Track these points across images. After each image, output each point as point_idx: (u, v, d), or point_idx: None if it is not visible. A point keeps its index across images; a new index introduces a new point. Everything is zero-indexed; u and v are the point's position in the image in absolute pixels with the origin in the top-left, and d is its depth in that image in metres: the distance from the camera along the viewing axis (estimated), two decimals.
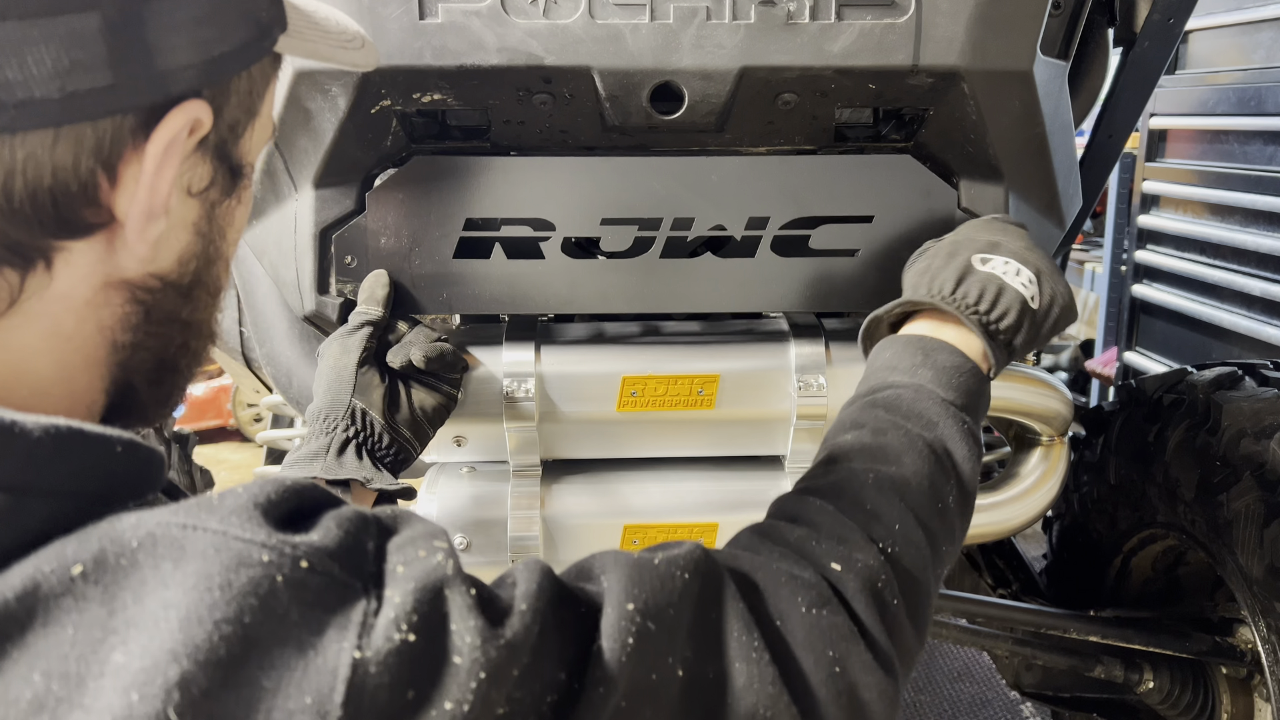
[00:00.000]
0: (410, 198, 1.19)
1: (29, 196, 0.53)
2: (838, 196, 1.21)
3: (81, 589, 0.46)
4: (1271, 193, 3.05)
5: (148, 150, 0.56)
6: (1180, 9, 1.48)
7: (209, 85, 0.59)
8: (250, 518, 0.49)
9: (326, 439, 1.10)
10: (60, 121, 0.52)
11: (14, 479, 0.48)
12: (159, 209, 0.58)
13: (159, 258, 0.61)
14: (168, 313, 0.63)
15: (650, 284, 1.22)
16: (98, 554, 0.47)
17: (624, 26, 1.07)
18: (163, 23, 0.55)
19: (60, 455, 0.50)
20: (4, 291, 0.54)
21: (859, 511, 0.79)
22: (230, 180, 0.65)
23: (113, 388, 0.62)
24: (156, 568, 0.47)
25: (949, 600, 1.81)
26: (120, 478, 0.53)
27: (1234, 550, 1.43)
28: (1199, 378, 1.60)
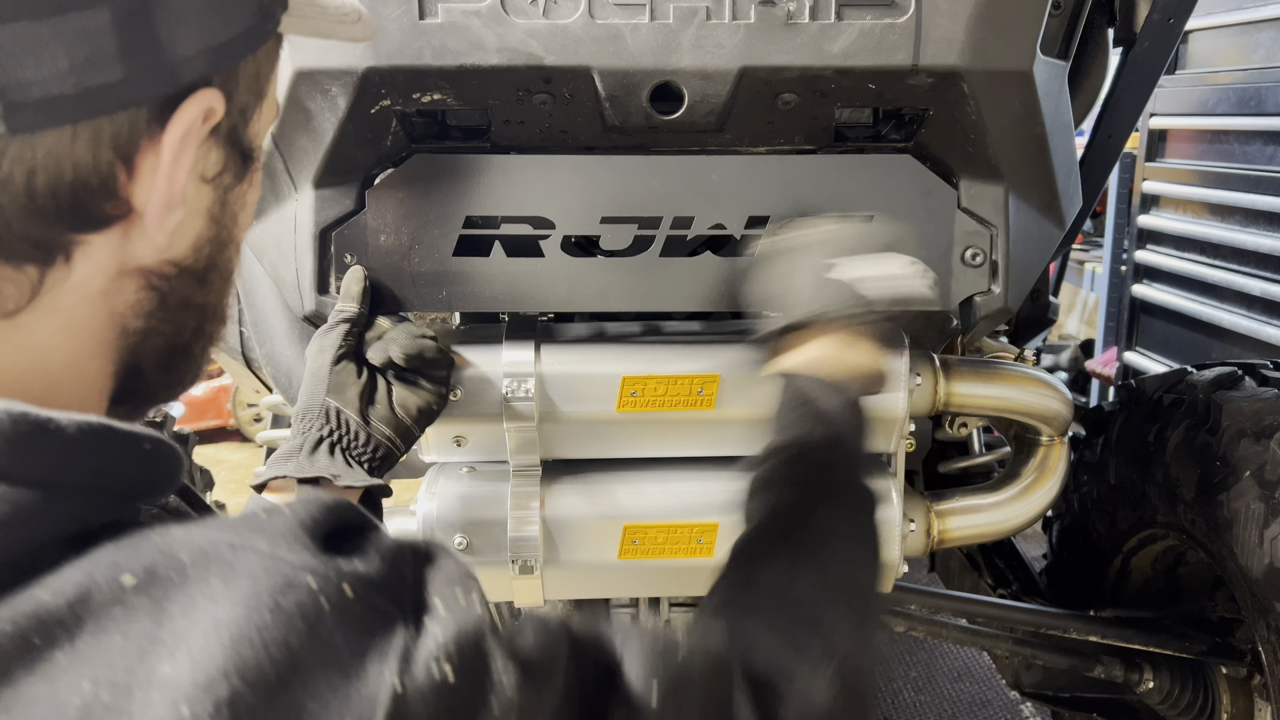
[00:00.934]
0: (410, 196, 1.19)
1: (51, 193, 0.53)
2: (838, 196, 1.21)
3: (132, 599, 0.47)
4: (1271, 193, 3.05)
5: (164, 141, 0.57)
6: (1180, 9, 1.48)
7: (218, 72, 0.60)
8: (297, 539, 0.50)
9: (301, 439, 1.10)
10: (77, 118, 0.53)
11: (50, 475, 0.49)
12: (177, 198, 0.59)
13: (174, 245, 0.61)
14: (183, 298, 0.63)
15: (650, 283, 1.22)
16: (149, 566, 0.48)
17: (624, 26, 1.07)
18: (170, 13, 0.55)
19: (92, 452, 0.51)
20: (25, 287, 0.55)
21: None
22: (241, 164, 0.65)
23: (121, 372, 0.62)
24: (206, 584, 0.47)
25: (949, 600, 1.81)
26: (145, 475, 0.54)
27: (1234, 550, 1.43)
28: (1199, 378, 1.60)
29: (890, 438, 1.33)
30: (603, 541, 1.31)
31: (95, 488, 0.51)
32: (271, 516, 0.51)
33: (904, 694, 2.75)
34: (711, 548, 1.32)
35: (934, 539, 1.44)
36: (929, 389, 1.35)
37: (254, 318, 1.56)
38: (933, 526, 1.44)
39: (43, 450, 0.49)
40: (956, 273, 1.23)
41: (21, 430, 0.48)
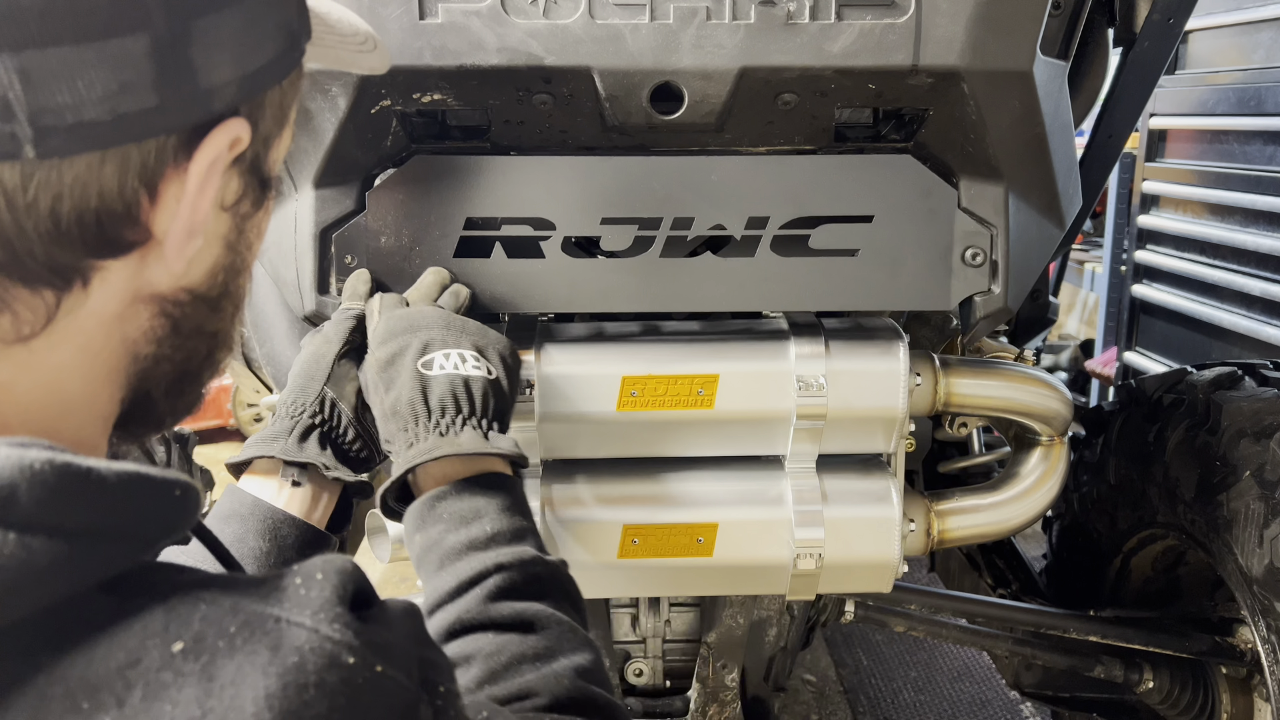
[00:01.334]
0: (410, 197, 1.19)
1: (76, 219, 0.53)
2: (838, 196, 1.21)
3: (181, 665, 0.48)
4: (1271, 193, 3.05)
5: (191, 169, 0.57)
6: (1180, 9, 1.48)
7: (247, 101, 0.60)
8: (337, 617, 0.51)
9: (291, 422, 1.07)
10: (109, 144, 0.52)
11: (89, 525, 0.49)
12: (199, 227, 0.59)
13: (190, 272, 0.61)
14: (195, 325, 0.63)
15: (650, 283, 1.23)
16: (198, 633, 0.49)
17: (624, 26, 1.07)
18: (207, 40, 0.55)
19: (129, 501, 0.51)
20: (41, 312, 0.54)
21: None
22: (260, 192, 0.65)
23: (130, 397, 0.63)
24: (254, 655, 0.49)
25: (949, 600, 1.81)
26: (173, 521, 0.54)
27: (1234, 550, 1.43)
28: (1199, 378, 1.60)
29: (890, 438, 1.33)
30: (603, 541, 1.31)
31: (130, 535, 0.51)
32: (309, 587, 0.53)
33: (904, 694, 2.75)
34: (711, 548, 1.32)
35: (934, 539, 1.44)
36: (929, 389, 1.35)
37: (254, 318, 1.56)
38: (932, 526, 1.44)
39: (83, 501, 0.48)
40: (956, 272, 1.23)
41: (64, 482, 0.48)
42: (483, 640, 0.84)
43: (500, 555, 0.89)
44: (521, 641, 0.83)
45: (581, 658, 0.84)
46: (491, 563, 0.88)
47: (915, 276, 1.23)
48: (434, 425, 0.97)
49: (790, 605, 1.65)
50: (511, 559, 0.89)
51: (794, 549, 1.31)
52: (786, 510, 1.32)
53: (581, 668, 0.83)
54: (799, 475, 1.34)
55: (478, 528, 0.91)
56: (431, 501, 0.94)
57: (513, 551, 0.90)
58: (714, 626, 1.63)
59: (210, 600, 0.50)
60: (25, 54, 0.48)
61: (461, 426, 0.98)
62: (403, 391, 0.99)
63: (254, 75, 0.59)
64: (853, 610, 1.74)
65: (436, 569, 0.90)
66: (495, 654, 0.82)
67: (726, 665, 1.65)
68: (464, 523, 0.92)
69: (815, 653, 2.91)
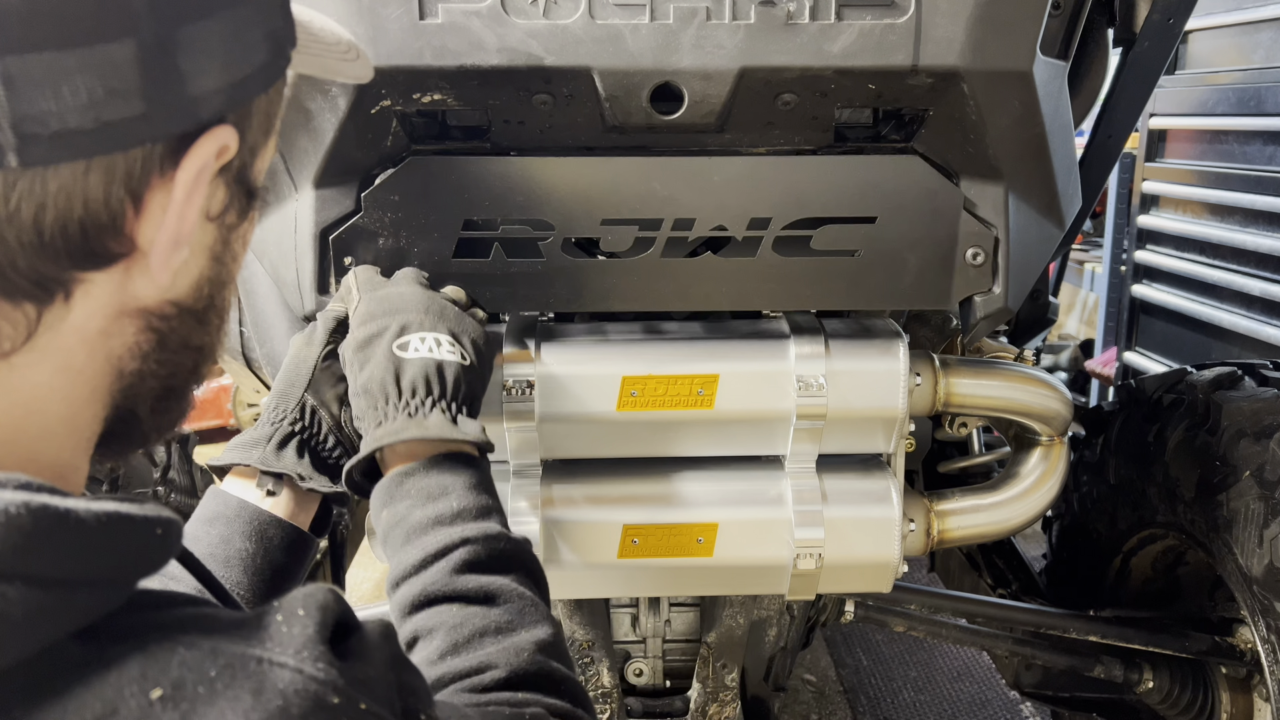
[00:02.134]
0: (410, 197, 1.19)
1: (60, 229, 0.52)
2: (841, 197, 1.21)
3: (159, 713, 0.47)
4: (1271, 193, 3.05)
5: (178, 178, 0.56)
6: (1180, 9, 1.48)
7: (235, 109, 0.59)
8: (320, 655, 0.51)
9: (271, 429, 1.07)
10: (94, 152, 0.51)
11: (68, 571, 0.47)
12: (186, 237, 0.58)
13: (176, 284, 0.60)
14: (182, 339, 0.62)
15: (650, 283, 1.22)
16: (176, 680, 0.48)
17: (624, 27, 1.07)
18: (195, 47, 0.54)
19: (110, 543, 0.49)
20: (21, 326, 0.53)
21: None
22: (246, 203, 0.64)
23: (113, 416, 0.61)
24: (236, 700, 0.48)
25: (949, 600, 1.81)
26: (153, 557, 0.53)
27: (1234, 550, 1.43)
28: (1199, 378, 1.60)
29: (890, 438, 1.33)
30: (603, 541, 1.31)
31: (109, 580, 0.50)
32: (290, 624, 0.52)
33: (904, 694, 2.75)
34: (711, 547, 1.32)
35: (934, 539, 1.44)
36: (929, 389, 1.35)
37: (254, 318, 1.56)
38: (932, 526, 1.44)
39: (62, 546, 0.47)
40: (957, 272, 1.23)
41: (41, 526, 0.46)
42: (446, 613, 0.84)
43: (466, 530, 0.90)
44: (485, 614, 0.84)
45: (542, 632, 0.85)
46: (458, 537, 0.89)
47: (916, 276, 1.23)
48: (403, 406, 0.97)
49: (790, 605, 1.65)
50: (477, 533, 0.90)
51: (794, 549, 1.31)
52: (786, 510, 1.32)
53: (542, 642, 0.84)
54: (799, 475, 1.34)
55: (444, 503, 0.92)
56: (399, 478, 0.94)
57: (478, 527, 0.91)
58: (714, 626, 1.63)
59: (189, 644, 0.49)
60: (7, 59, 0.47)
61: (430, 409, 0.97)
62: (375, 371, 0.99)
63: (242, 83, 0.58)
64: (853, 610, 1.74)
65: (403, 543, 0.91)
66: (458, 626, 0.83)
67: (726, 665, 1.65)
68: (431, 499, 0.92)
69: (815, 653, 2.91)
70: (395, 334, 1.01)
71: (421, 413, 0.97)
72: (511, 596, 0.87)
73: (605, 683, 1.67)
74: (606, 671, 1.66)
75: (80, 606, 0.48)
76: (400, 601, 0.88)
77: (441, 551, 0.88)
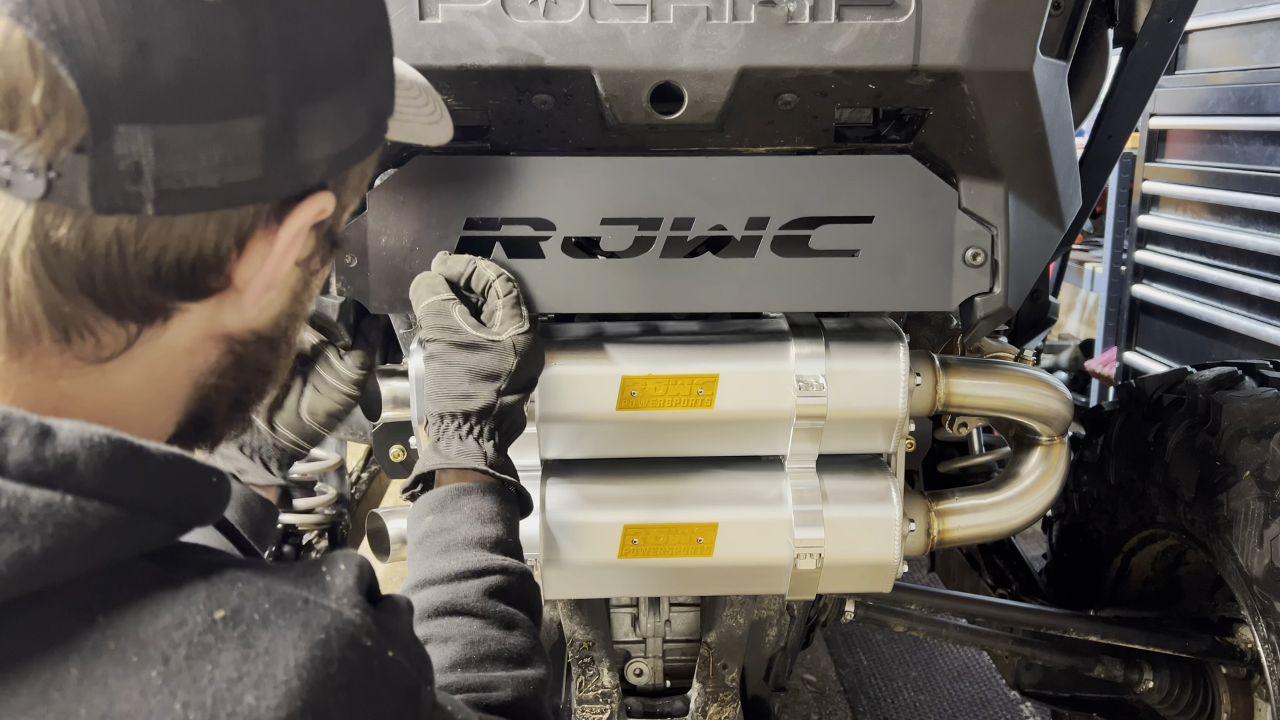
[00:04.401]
0: (411, 198, 1.19)
1: (174, 267, 0.59)
2: (838, 197, 1.21)
3: (222, 630, 0.54)
4: (1271, 193, 3.05)
5: (280, 234, 0.63)
6: (1180, 9, 1.48)
7: (336, 175, 0.66)
8: (358, 603, 0.59)
9: None
10: (216, 207, 0.58)
11: (138, 497, 0.55)
12: (279, 282, 0.66)
13: (260, 317, 0.68)
14: (256, 363, 0.70)
15: (650, 283, 1.22)
16: (236, 606, 0.55)
17: (624, 27, 1.07)
18: (311, 123, 0.61)
19: (174, 480, 0.57)
20: (122, 340, 0.60)
21: None
22: (329, 252, 0.71)
23: (185, 420, 0.69)
24: (287, 629, 0.55)
25: (949, 600, 1.82)
26: (209, 504, 0.60)
27: (1234, 550, 1.43)
28: (1199, 378, 1.60)
29: (890, 438, 1.33)
30: (603, 541, 1.31)
31: (172, 513, 0.57)
32: (334, 575, 0.60)
33: (904, 694, 2.75)
34: (711, 548, 1.32)
35: (934, 539, 1.44)
36: (929, 389, 1.35)
37: None
38: (932, 526, 1.44)
39: (134, 474, 0.55)
40: (957, 273, 1.23)
41: (119, 454, 0.54)
42: (468, 627, 0.91)
43: (506, 561, 0.97)
44: (502, 640, 0.91)
45: (543, 671, 0.93)
46: (498, 564, 0.96)
47: (916, 277, 1.23)
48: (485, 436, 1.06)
49: (790, 605, 1.65)
50: (514, 567, 0.97)
51: (794, 549, 1.31)
52: (786, 510, 1.32)
53: (541, 681, 0.91)
54: (799, 475, 1.34)
55: (492, 529, 0.99)
56: (457, 493, 1.01)
57: (514, 562, 0.98)
58: (714, 626, 1.63)
59: (246, 580, 0.57)
60: (160, 127, 0.54)
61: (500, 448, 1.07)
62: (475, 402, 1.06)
63: (345, 153, 0.66)
64: (853, 610, 1.74)
65: (441, 551, 0.97)
66: (476, 643, 0.89)
67: (726, 665, 1.65)
68: (481, 521, 0.99)
69: (815, 653, 2.91)
70: (532, 390, 1.12)
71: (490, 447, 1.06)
72: (527, 632, 0.94)
73: (605, 683, 1.67)
74: (606, 671, 1.66)
75: (148, 530, 0.56)
76: (425, 602, 0.93)
77: (480, 572, 0.95)
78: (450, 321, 1.08)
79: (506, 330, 1.09)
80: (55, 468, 0.52)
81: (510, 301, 1.11)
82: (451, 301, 1.09)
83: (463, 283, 1.14)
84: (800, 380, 1.26)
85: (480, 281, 1.13)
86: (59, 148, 0.53)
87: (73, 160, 0.53)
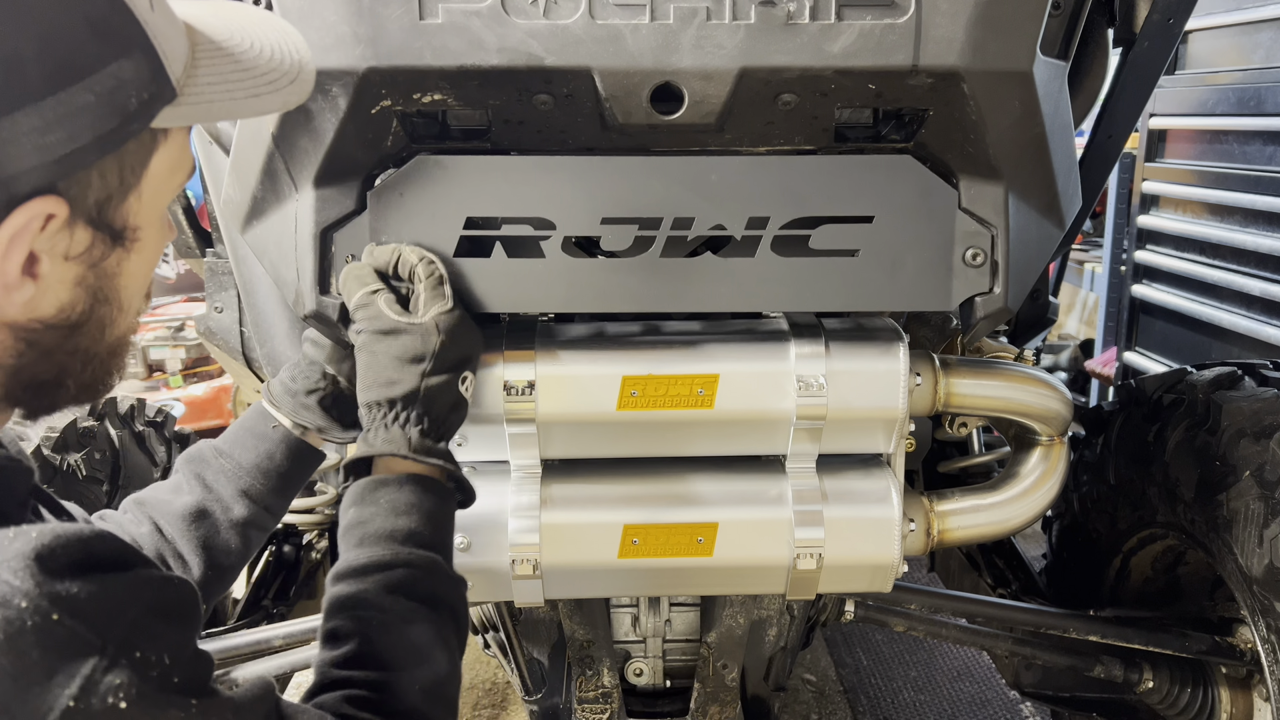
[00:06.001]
0: (411, 197, 1.19)
1: None
2: (838, 197, 1.21)
3: None
4: (1271, 193, 3.05)
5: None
6: (1180, 9, 1.48)
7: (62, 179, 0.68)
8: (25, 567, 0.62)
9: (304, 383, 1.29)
10: None
11: None
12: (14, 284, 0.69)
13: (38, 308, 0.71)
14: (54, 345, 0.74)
15: (650, 283, 1.22)
16: None
17: (624, 27, 1.07)
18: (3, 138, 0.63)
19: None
20: None
21: None
22: (112, 240, 0.74)
23: (6, 395, 0.75)
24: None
25: (949, 600, 1.82)
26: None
27: (1234, 550, 1.43)
28: (1199, 378, 1.60)
29: (890, 438, 1.33)
30: (603, 541, 1.31)
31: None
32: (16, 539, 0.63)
33: (904, 694, 2.75)
34: (711, 548, 1.32)
35: (934, 539, 1.44)
36: (929, 389, 1.35)
37: (254, 318, 1.56)
38: (932, 526, 1.44)
39: None
40: (957, 273, 1.23)
41: None
42: (366, 625, 0.92)
43: (412, 554, 0.99)
44: (400, 634, 0.93)
45: (439, 671, 0.94)
46: (403, 557, 0.98)
47: (916, 277, 1.23)
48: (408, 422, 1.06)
49: (790, 605, 1.65)
50: (419, 560, 0.99)
51: (794, 549, 1.31)
52: (786, 510, 1.32)
53: (435, 681, 0.93)
54: (799, 475, 1.34)
55: (404, 521, 1.01)
56: (374, 485, 1.03)
57: (421, 554, 1.00)
58: (714, 626, 1.63)
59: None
60: None
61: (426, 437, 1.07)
62: (399, 388, 1.07)
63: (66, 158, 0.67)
64: (853, 610, 1.74)
65: (356, 544, 1.00)
66: (369, 642, 0.91)
67: (726, 665, 1.65)
68: (395, 514, 1.01)
69: (815, 653, 2.91)
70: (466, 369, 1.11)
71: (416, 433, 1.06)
72: (428, 630, 0.95)
73: (605, 683, 1.67)
74: (607, 671, 1.66)
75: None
76: (334, 597, 0.96)
77: (384, 566, 0.97)
78: (374, 310, 1.10)
79: (428, 311, 1.10)
80: None
81: (432, 284, 1.12)
82: (379, 292, 1.11)
83: (390, 271, 1.15)
84: (800, 380, 1.26)
85: (405, 268, 1.14)
86: None
87: None
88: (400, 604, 0.94)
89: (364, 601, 0.94)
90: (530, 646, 1.71)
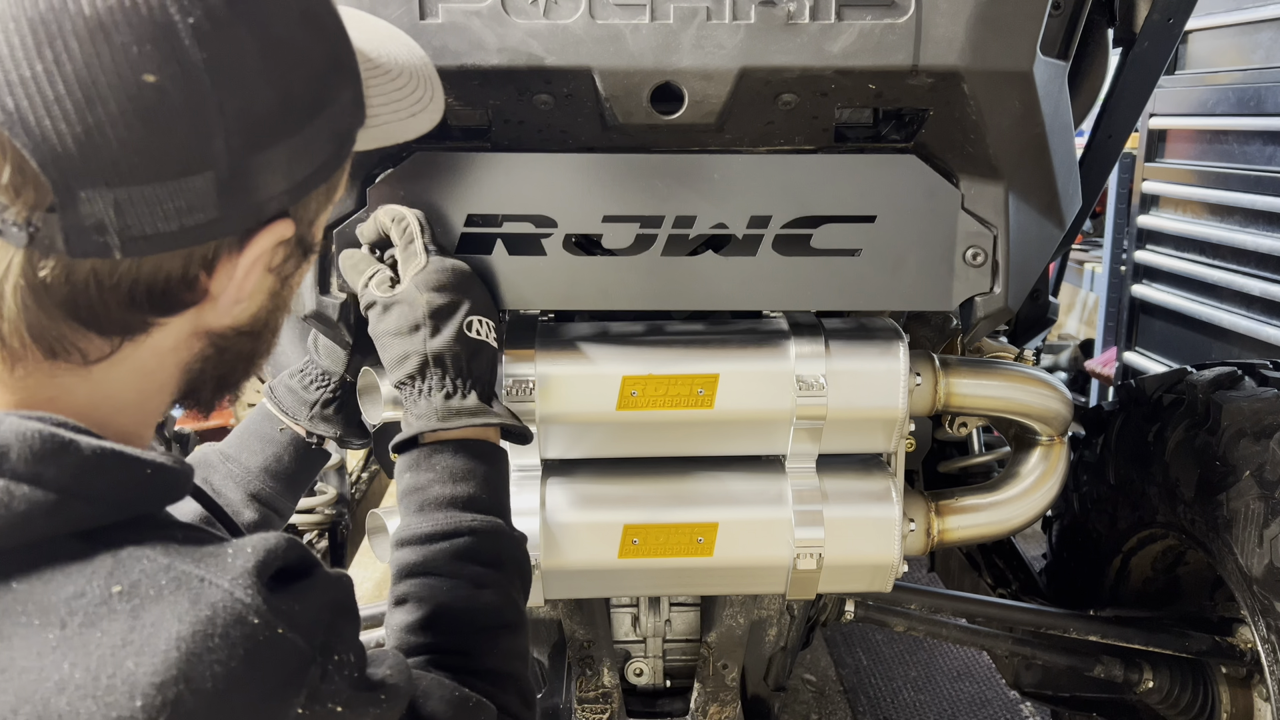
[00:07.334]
0: (411, 194, 1.19)
1: (146, 293, 0.67)
2: (842, 196, 1.21)
3: (116, 604, 0.61)
4: (1271, 193, 3.05)
5: (240, 262, 0.70)
6: (1180, 9, 1.48)
7: (295, 202, 0.72)
8: (251, 584, 0.64)
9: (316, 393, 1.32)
10: (176, 247, 0.66)
11: (63, 483, 0.62)
12: (246, 296, 0.74)
13: (239, 317, 0.76)
14: (238, 351, 0.79)
15: (651, 281, 1.22)
16: (135, 581, 0.62)
17: (624, 27, 1.07)
18: (261, 168, 0.67)
19: (101, 471, 0.64)
20: (106, 349, 0.69)
21: None
22: (303, 257, 0.78)
23: (178, 395, 0.78)
24: (175, 605, 0.61)
25: (949, 600, 1.82)
26: (147, 491, 0.67)
27: (1234, 550, 1.43)
28: (1199, 378, 1.60)
29: (890, 437, 1.33)
30: (603, 541, 1.31)
31: (101, 498, 0.64)
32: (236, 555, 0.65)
33: (904, 694, 2.75)
34: (711, 547, 1.32)
35: (934, 538, 1.44)
36: (929, 389, 1.35)
37: None
38: (932, 526, 1.44)
39: (62, 464, 0.62)
40: (958, 273, 1.23)
41: (47, 447, 0.62)
42: (438, 588, 0.95)
43: (475, 520, 1.00)
44: (470, 601, 0.95)
45: (515, 632, 0.97)
46: (466, 524, 0.99)
47: (917, 277, 1.23)
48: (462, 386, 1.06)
49: (790, 605, 1.65)
50: (483, 526, 1.00)
51: (794, 549, 1.31)
52: (786, 510, 1.32)
53: (512, 641, 0.96)
54: (799, 475, 1.34)
55: (464, 487, 1.02)
56: (430, 451, 1.03)
57: (488, 520, 1.01)
58: (714, 626, 1.63)
59: (152, 558, 0.63)
60: (118, 189, 0.62)
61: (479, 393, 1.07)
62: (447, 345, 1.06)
63: (303, 182, 0.72)
64: (853, 610, 1.74)
65: (417, 510, 1.01)
66: (444, 605, 0.94)
67: (726, 665, 1.65)
68: (454, 479, 1.02)
69: (815, 653, 2.91)
70: (466, 314, 1.08)
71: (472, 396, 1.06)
72: (499, 592, 0.98)
73: (605, 682, 1.67)
74: (606, 671, 1.66)
75: (75, 513, 0.63)
76: (401, 562, 0.98)
77: (450, 533, 0.98)
78: (368, 294, 1.10)
79: (407, 274, 1.08)
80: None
81: (404, 244, 1.11)
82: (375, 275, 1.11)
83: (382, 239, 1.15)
84: (800, 380, 1.26)
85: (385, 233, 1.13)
86: (34, 210, 0.62)
87: (46, 218, 0.62)
88: (469, 569, 0.97)
89: (434, 569, 0.96)
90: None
